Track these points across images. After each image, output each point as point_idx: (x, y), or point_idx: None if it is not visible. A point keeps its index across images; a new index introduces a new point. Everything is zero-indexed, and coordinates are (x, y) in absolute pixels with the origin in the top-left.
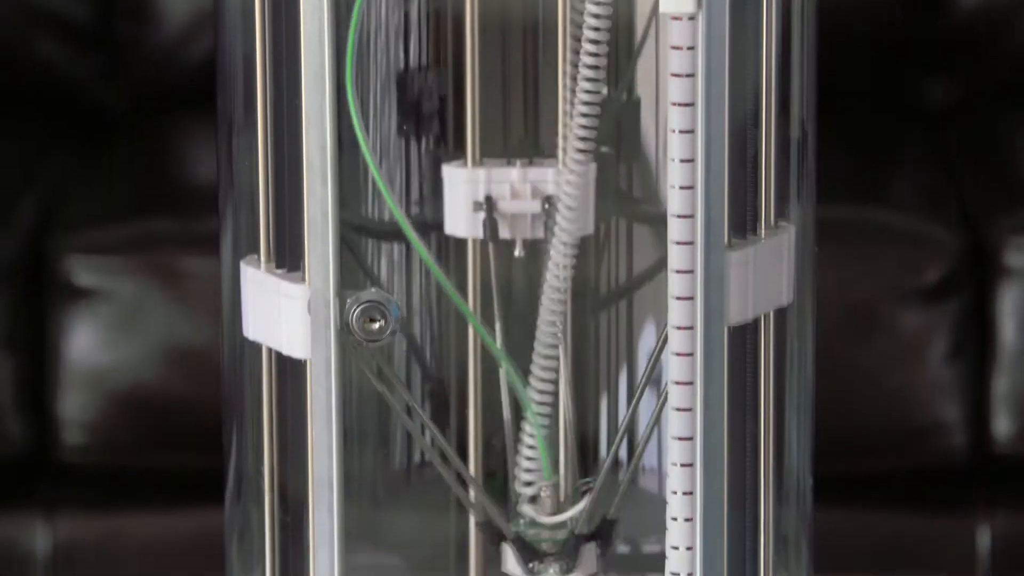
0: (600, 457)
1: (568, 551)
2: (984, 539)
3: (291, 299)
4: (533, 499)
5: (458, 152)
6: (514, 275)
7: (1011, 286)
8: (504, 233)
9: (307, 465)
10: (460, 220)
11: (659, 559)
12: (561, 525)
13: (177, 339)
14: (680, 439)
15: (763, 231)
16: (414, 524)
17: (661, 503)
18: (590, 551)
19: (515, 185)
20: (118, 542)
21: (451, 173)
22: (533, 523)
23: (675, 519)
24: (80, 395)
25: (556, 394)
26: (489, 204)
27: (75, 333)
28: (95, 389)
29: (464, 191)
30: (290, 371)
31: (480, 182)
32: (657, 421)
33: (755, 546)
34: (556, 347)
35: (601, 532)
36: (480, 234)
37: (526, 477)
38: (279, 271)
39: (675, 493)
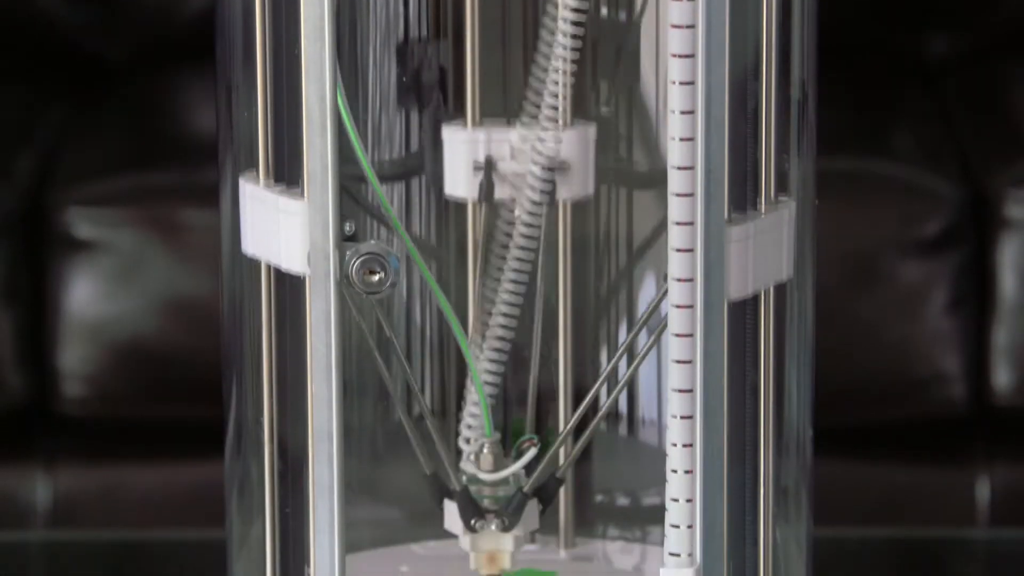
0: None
1: (511, 508)
2: (983, 490)
3: (290, 215)
4: (476, 456)
5: (458, 113)
6: (514, 235)
7: (1011, 238)
8: (504, 193)
9: (307, 417)
10: (460, 181)
11: (659, 511)
12: (503, 482)
13: (176, 291)
14: (680, 391)
15: (763, 206)
16: (414, 477)
17: (661, 455)
18: (532, 508)
19: (515, 146)
20: (118, 494)
21: (450, 134)
22: (474, 479)
23: (675, 471)
24: (80, 347)
25: (507, 353)
26: (488, 165)
27: (74, 285)
28: (95, 341)
29: (464, 152)
30: (290, 322)
31: (480, 143)
32: (603, 382)
33: (755, 498)
34: (514, 305)
35: (545, 490)
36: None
37: (467, 433)
38: (278, 186)
39: (675, 445)
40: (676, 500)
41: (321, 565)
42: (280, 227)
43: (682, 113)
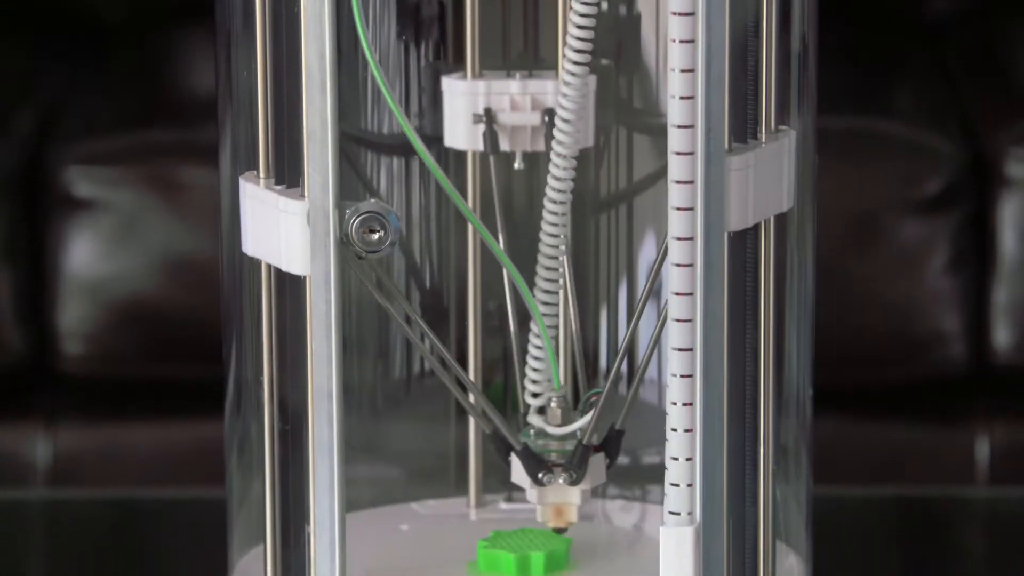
0: (603, 368)
1: (576, 462)
2: (983, 449)
3: (290, 215)
4: (541, 410)
5: (457, 64)
6: (514, 187)
7: (1011, 197)
8: (504, 146)
9: (307, 376)
10: (459, 133)
11: (658, 470)
12: (569, 436)
13: (176, 250)
14: (680, 350)
15: (763, 135)
16: (414, 435)
17: (661, 414)
18: (598, 461)
19: (515, 97)
20: (118, 452)
21: (450, 85)
22: (541, 434)
23: (675, 430)
24: (79, 306)
25: (559, 306)
26: (489, 116)
27: (74, 244)
28: (94, 300)
29: (463, 103)
30: (289, 282)
31: (479, 94)
32: (661, 331)
33: (755, 457)
34: (558, 259)
35: (609, 443)
36: (480, 146)
37: (533, 388)
38: (278, 187)
39: (675, 404)
40: (676, 459)
41: (321, 523)
42: (280, 228)
43: (682, 42)
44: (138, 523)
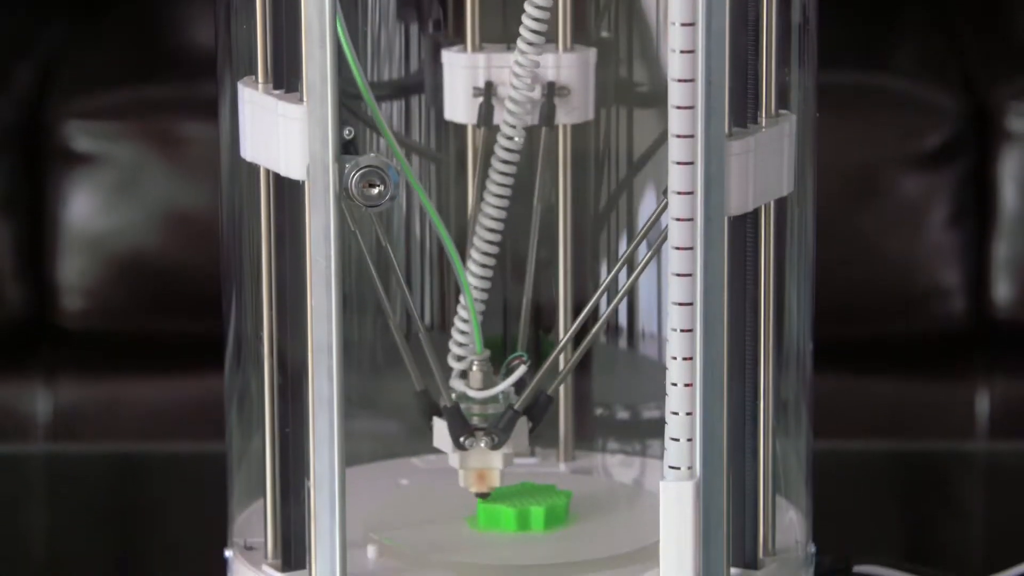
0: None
1: (502, 426)
2: (983, 404)
3: (289, 119)
4: (464, 374)
5: (457, 37)
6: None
7: (1012, 151)
8: (502, 118)
9: (306, 330)
10: (459, 106)
11: (658, 425)
12: (491, 400)
13: (176, 204)
14: (680, 304)
15: (763, 120)
16: (413, 391)
17: (660, 369)
18: (523, 427)
19: (515, 71)
20: (118, 407)
21: (450, 58)
22: (463, 397)
23: (675, 384)
24: (79, 261)
25: (493, 270)
26: (488, 89)
27: (73, 199)
28: (94, 254)
29: (463, 76)
30: (289, 234)
31: (480, 67)
32: (601, 295)
33: (755, 411)
34: (497, 228)
35: (535, 408)
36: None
37: (457, 351)
38: (277, 92)
39: (675, 359)
40: (676, 413)
41: (321, 478)
42: (279, 132)
43: (682, 25)
44: (138, 478)
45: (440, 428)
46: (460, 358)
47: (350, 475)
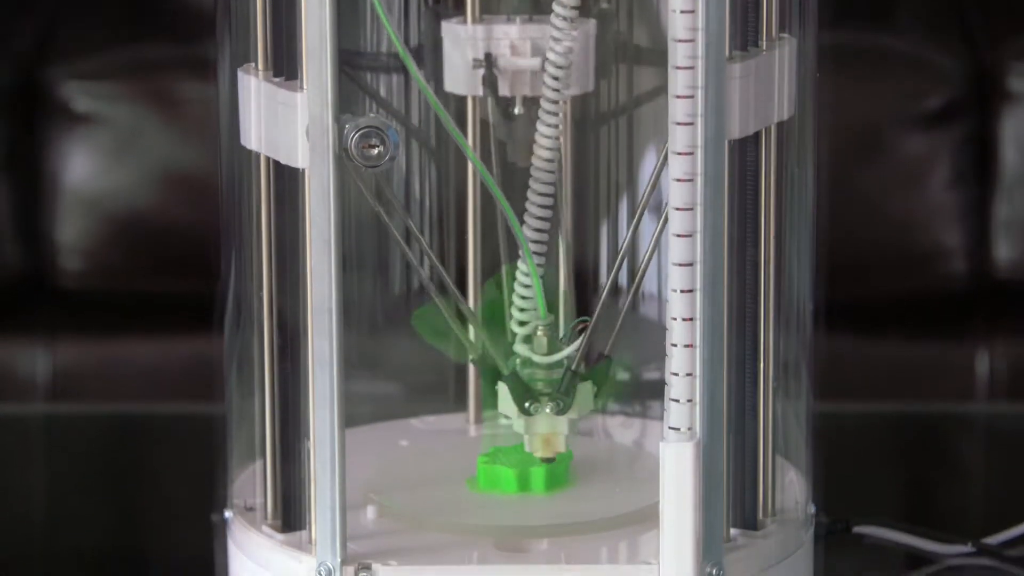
0: (597, 292)
1: (564, 390)
2: (983, 365)
3: (290, 108)
4: (528, 338)
5: (457, 9)
6: (514, 131)
7: (1014, 111)
8: (503, 90)
9: (306, 291)
10: (460, 77)
11: (659, 386)
12: (557, 364)
13: (175, 164)
14: (680, 265)
15: (764, 43)
16: (413, 351)
17: (661, 330)
18: (586, 390)
19: (514, 42)
20: (117, 367)
21: (450, 30)
22: (527, 363)
23: (676, 345)
24: (78, 221)
25: (552, 235)
26: (489, 61)
27: (72, 159)
28: (93, 215)
29: (463, 48)
30: (289, 196)
31: (479, 39)
32: (652, 254)
33: (755, 372)
34: (551, 193)
35: (596, 371)
36: (479, 91)
37: (520, 316)
38: (277, 79)
39: (676, 319)
40: (677, 374)
41: (321, 439)
42: (280, 119)
43: None
44: (137, 438)
45: (504, 394)
46: (523, 323)
47: (349, 436)
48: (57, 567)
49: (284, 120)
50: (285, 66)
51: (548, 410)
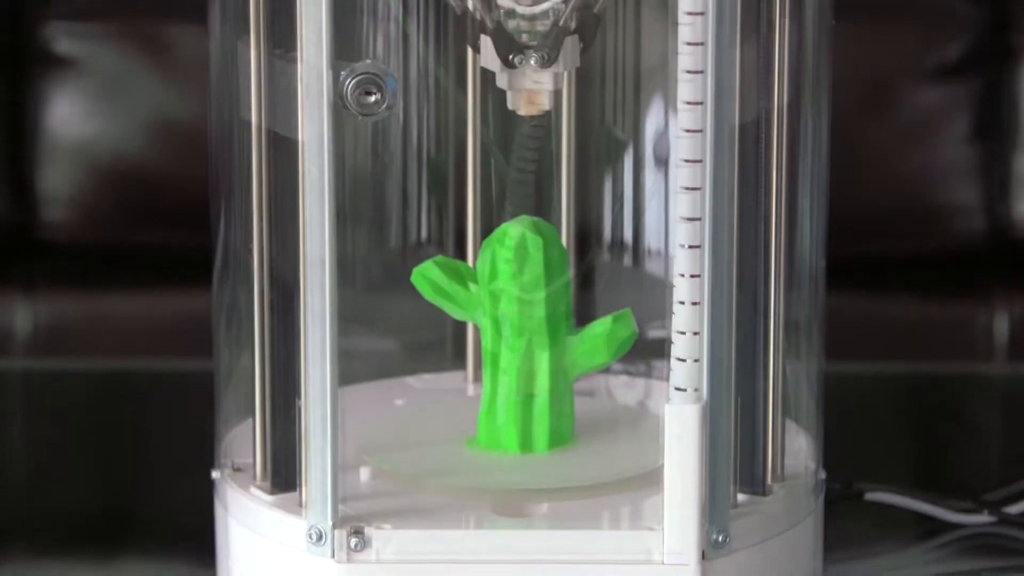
0: None
1: (550, 43)
2: (1002, 325)
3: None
4: None
5: None
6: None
7: None
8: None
9: (299, 244)
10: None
11: (664, 344)
12: (541, 16)
13: (162, 111)
14: (687, 219)
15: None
16: (410, 308)
17: (667, 287)
18: (573, 45)
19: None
20: (101, 322)
21: None
22: (511, 14)
23: (682, 303)
24: (60, 169)
25: None
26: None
27: (55, 104)
28: (76, 163)
29: None
30: (282, 145)
31: None
32: None
33: (764, 332)
34: None
35: (585, 26)
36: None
37: None
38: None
39: (682, 276)
40: (682, 333)
41: (313, 397)
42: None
43: None
44: (121, 396)
45: (487, 47)
46: None
47: (343, 395)
48: (37, 526)
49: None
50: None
51: (533, 62)
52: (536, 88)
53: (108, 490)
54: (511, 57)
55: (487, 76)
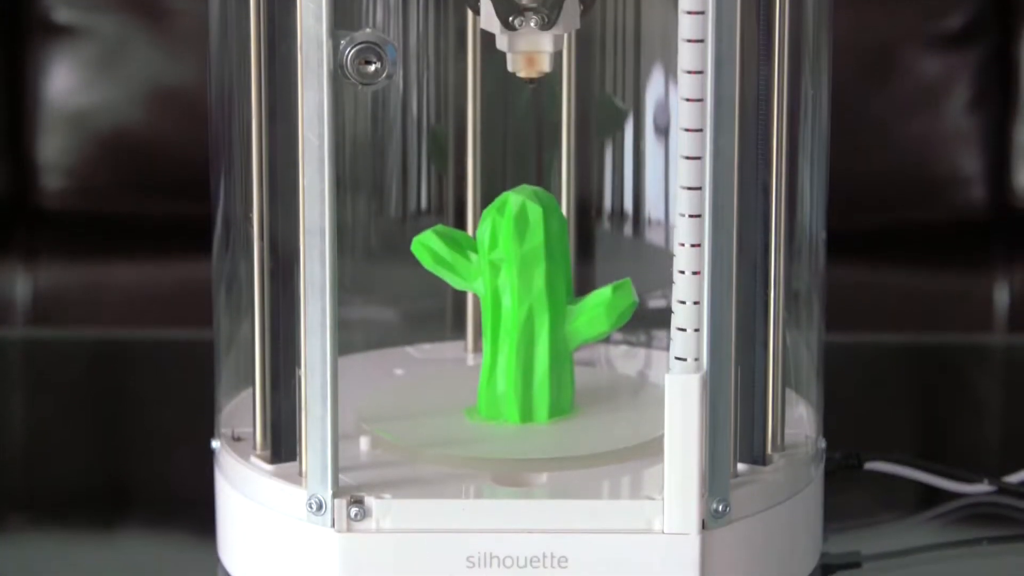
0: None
1: (549, 5)
2: (1002, 295)
3: None
4: None
5: None
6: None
7: None
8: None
9: (298, 212)
10: None
11: (665, 314)
12: None
13: (162, 79)
14: (688, 188)
15: None
16: (410, 277)
17: (667, 256)
18: (573, 6)
19: None
20: (100, 291)
21: None
22: None
23: (682, 272)
24: (60, 138)
25: None
26: None
27: (54, 73)
28: (76, 132)
29: None
30: (281, 110)
31: None
32: None
33: (765, 302)
34: None
35: None
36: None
37: None
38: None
39: (683, 245)
40: (683, 302)
41: (312, 366)
42: None
43: None
44: (120, 365)
45: (487, 8)
46: None
47: (342, 364)
48: (36, 495)
49: None
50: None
51: (533, 24)
52: (535, 50)
53: (107, 459)
54: (511, 19)
55: (487, 42)
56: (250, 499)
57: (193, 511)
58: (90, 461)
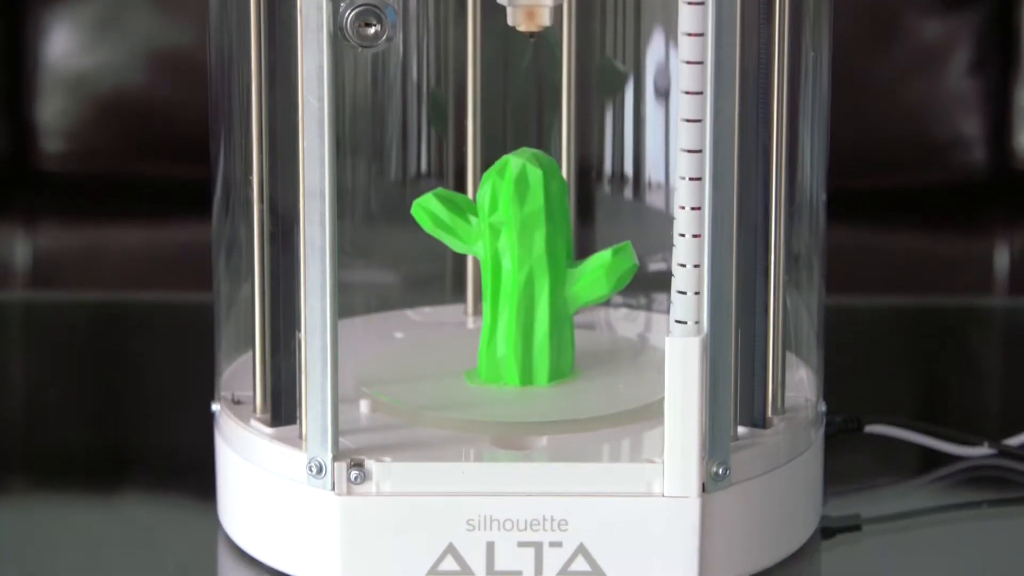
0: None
1: None
2: (1002, 258)
3: None
4: None
5: None
6: None
7: None
8: None
9: (298, 175)
10: None
11: (665, 277)
12: None
13: (162, 41)
14: (689, 151)
15: None
16: (410, 240)
17: (668, 219)
18: None
19: None
20: (100, 253)
21: None
22: None
23: (683, 235)
24: (59, 100)
25: None
26: None
27: (53, 35)
28: (75, 94)
29: None
30: (281, 73)
31: None
32: None
33: (765, 264)
34: None
35: None
36: None
37: None
38: None
39: (683, 208)
40: (683, 265)
41: (312, 329)
42: None
43: None
44: (120, 328)
45: None
46: None
47: (343, 327)
48: (35, 458)
49: None
50: None
51: None
52: (536, 5)
53: (107, 422)
54: None
55: (488, 4)
56: (250, 462)
57: (193, 474)
58: (90, 424)
